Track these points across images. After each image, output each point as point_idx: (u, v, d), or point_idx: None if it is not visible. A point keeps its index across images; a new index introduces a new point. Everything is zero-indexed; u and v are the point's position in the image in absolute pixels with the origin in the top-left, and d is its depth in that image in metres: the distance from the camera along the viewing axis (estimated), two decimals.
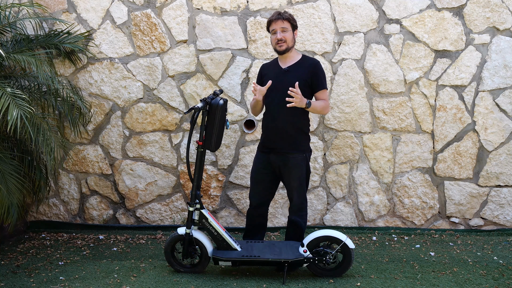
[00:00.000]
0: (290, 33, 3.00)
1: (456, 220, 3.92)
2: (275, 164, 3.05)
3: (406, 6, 3.76)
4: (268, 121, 3.06)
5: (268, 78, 3.05)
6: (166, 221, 4.09)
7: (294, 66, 3.03)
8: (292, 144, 2.99)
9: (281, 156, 3.01)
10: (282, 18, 2.97)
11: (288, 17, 2.99)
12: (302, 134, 3.04)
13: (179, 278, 2.98)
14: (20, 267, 3.26)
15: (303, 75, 2.98)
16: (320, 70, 3.03)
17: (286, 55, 3.04)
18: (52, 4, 3.94)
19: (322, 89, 3.02)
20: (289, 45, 3.00)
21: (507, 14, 3.72)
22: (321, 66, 3.06)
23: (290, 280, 2.94)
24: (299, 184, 3.04)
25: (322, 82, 3.02)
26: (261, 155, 3.12)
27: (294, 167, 3.00)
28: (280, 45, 2.99)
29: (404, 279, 2.95)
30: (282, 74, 3.03)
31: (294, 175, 3.02)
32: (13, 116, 2.86)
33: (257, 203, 3.17)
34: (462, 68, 3.79)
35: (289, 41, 2.99)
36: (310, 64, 3.03)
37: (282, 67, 3.06)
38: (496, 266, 3.17)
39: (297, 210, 3.09)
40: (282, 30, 2.98)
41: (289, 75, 2.99)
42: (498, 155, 3.82)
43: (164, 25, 3.90)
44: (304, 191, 3.09)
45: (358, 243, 3.69)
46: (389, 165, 3.90)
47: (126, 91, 3.97)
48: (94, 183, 4.10)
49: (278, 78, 3.01)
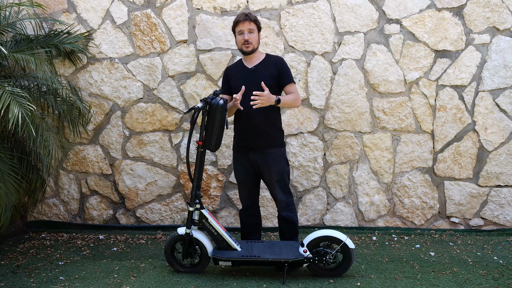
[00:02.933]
0: (256, 34, 3.08)
1: (456, 220, 3.92)
2: (254, 163, 3.09)
3: (406, 6, 3.76)
4: (242, 121, 3.10)
5: (236, 79, 3.12)
6: (166, 221, 4.09)
7: (260, 65, 3.09)
8: (269, 141, 3.05)
9: (260, 154, 3.06)
10: (249, 19, 3.04)
11: (255, 19, 3.08)
12: (277, 129, 3.12)
13: (179, 278, 2.98)
14: (20, 267, 3.26)
15: (270, 72, 3.06)
16: (285, 65, 3.13)
17: (251, 55, 3.10)
18: (52, 4, 3.94)
19: (289, 83, 3.09)
20: (255, 46, 3.07)
21: (507, 14, 3.72)
22: (285, 61, 3.16)
23: (290, 280, 2.94)
24: (281, 178, 3.08)
25: (289, 76, 3.10)
26: (239, 156, 3.16)
27: (274, 162, 3.05)
28: (247, 45, 3.05)
29: (404, 279, 2.95)
30: (250, 73, 3.09)
31: (274, 170, 3.06)
32: (14, 114, 2.85)
33: (247, 204, 3.23)
34: (462, 68, 3.78)
35: (255, 42, 3.06)
36: (275, 61, 3.12)
37: (248, 67, 3.12)
38: (496, 266, 3.17)
39: (285, 206, 3.11)
40: (249, 31, 3.04)
41: (257, 74, 3.06)
42: (498, 155, 3.82)
43: (164, 25, 3.90)
44: (288, 186, 3.13)
45: (358, 243, 3.69)
46: (389, 165, 3.90)
47: (126, 91, 3.97)
48: (94, 183, 4.10)
49: (246, 78, 3.07)
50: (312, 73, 3.84)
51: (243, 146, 3.12)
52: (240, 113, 3.12)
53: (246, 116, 3.05)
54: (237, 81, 3.10)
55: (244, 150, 3.12)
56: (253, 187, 3.20)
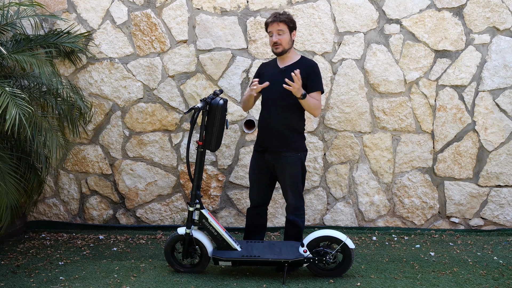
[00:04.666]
0: (286, 35, 3.00)
1: (456, 220, 3.92)
2: (270, 163, 3.08)
3: (406, 6, 3.76)
4: (263, 120, 3.09)
5: (265, 76, 3.09)
6: (166, 221, 4.09)
7: (291, 66, 3.03)
8: (285, 143, 3.01)
9: (275, 155, 3.04)
10: (278, 20, 2.97)
11: (285, 19, 2.99)
12: (296, 133, 3.05)
13: (179, 278, 2.98)
14: (20, 267, 3.26)
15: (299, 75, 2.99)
16: (316, 72, 3.04)
17: (284, 55, 3.06)
18: (52, 4, 3.94)
19: (316, 91, 3.02)
20: (285, 47, 3.01)
21: (507, 14, 3.72)
22: (318, 68, 3.06)
23: (290, 280, 2.94)
24: (293, 182, 3.05)
25: (317, 84, 3.03)
26: (256, 155, 3.15)
27: (287, 166, 3.02)
28: (276, 47, 3.01)
29: (404, 279, 2.95)
30: (278, 73, 3.05)
31: (287, 174, 3.04)
32: (11, 115, 2.84)
33: (256, 202, 3.20)
34: (462, 68, 3.78)
35: (285, 43, 3.00)
36: (307, 65, 3.04)
37: (279, 66, 3.08)
38: (496, 266, 3.17)
39: (293, 209, 3.10)
40: (278, 32, 2.99)
41: (285, 75, 3.00)
42: (498, 155, 3.82)
43: (164, 25, 3.90)
44: (300, 191, 3.10)
45: (358, 243, 3.69)
46: (389, 165, 3.90)
47: (126, 91, 3.97)
48: (94, 183, 4.09)
49: (274, 77, 3.04)
50: None
51: (260, 146, 3.10)
52: (262, 113, 3.10)
53: (267, 114, 3.04)
54: (266, 79, 3.05)
55: (261, 150, 3.09)
56: (265, 188, 3.17)
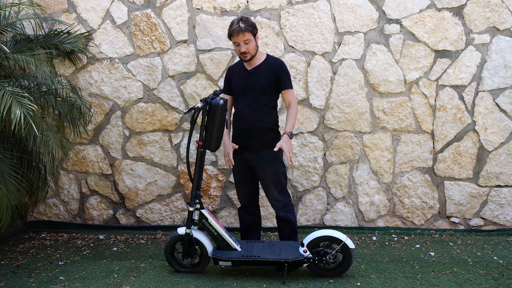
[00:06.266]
0: (252, 42, 3.02)
1: (456, 220, 3.92)
2: (250, 163, 3.11)
3: (406, 6, 3.76)
4: (238, 122, 3.13)
5: (235, 80, 3.15)
6: (166, 221, 4.09)
7: (259, 68, 3.09)
8: (262, 142, 3.05)
9: (254, 154, 3.08)
10: (242, 30, 2.96)
11: (248, 28, 2.98)
12: (272, 131, 3.11)
13: (179, 278, 2.98)
14: (20, 267, 3.26)
15: (267, 76, 3.05)
16: (283, 70, 3.08)
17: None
18: (52, 4, 3.94)
19: (286, 89, 3.08)
20: (253, 54, 3.05)
21: (507, 14, 3.72)
22: (284, 65, 3.11)
23: (290, 280, 2.94)
24: (276, 179, 3.08)
25: (286, 81, 3.07)
26: (235, 155, 3.16)
27: (268, 163, 3.06)
28: (245, 56, 3.04)
29: (404, 279, 2.95)
30: (247, 76, 3.10)
31: (268, 170, 3.07)
32: (16, 115, 2.85)
33: (244, 202, 3.25)
34: (462, 68, 3.78)
35: (252, 50, 3.03)
36: (274, 64, 3.09)
37: (247, 69, 3.13)
38: (496, 266, 3.17)
39: (282, 206, 3.11)
40: (244, 42, 3.00)
41: (255, 77, 3.07)
42: (498, 155, 3.82)
43: (164, 25, 3.90)
44: (285, 187, 3.13)
45: (358, 243, 3.69)
46: (389, 165, 3.90)
47: (126, 91, 3.97)
48: (94, 183, 4.09)
49: (244, 80, 3.10)
50: (312, 73, 3.84)
51: (239, 146, 3.13)
52: (236, 114, 3.15)
53: (241, 116, 3.09)
54: (236, 82, 3.14)
55: (239, 150, 3.13)
56: (250, 186, 3.21)
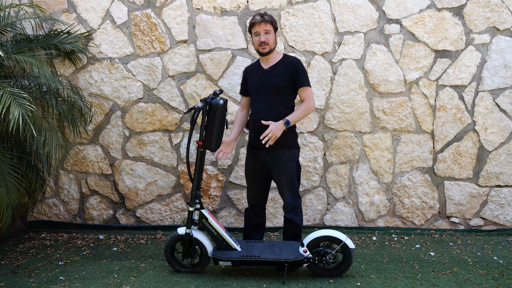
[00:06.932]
0: (272, 35, 3.05)
1: (456, 220, 3.92)
2: (265, 163, 3.09)
3: (406, 6, 3.76)
4: (254, 122, 3.10)
5: (252, 80, 3.14)
6: (166, 221, 4.09)
7: (275, 67, 3.08)
8: (279, 142, 3.02)
9: (270, 154, 3.05)
10: (265, 20, 3.01)
11: (271, 20, 3.04)
12: (289, 131, 3.07)
13: (179, 278, 2.98)
14: (20, 267, 3.26)
15: (284, 75, 3.04)
16: (300, 68, 3.07)
17: (268, 56, 3.09)
18: (52, 4, 3.94)
19: (303, 87, 3.06)
20: (272, 47, 3.05)
21: (507, 14, 3.72)
22: (301, 64, 3.09)
23: (290, 280, 2.94)
24: (290, 181, 3.07)
25: (303, 79, 3.05)
26: (250, 156, 3.16)
27: (283, 164, 3.04)
28: (263, 47, 3.03)
29: (404, 279, 2.95)
30: (264, 75, 3.08)
31: (284, 172, 3.05)
32: (14, 116, 2.85)
33: (254, 203, 3.23)
34: (462, 68, 3.78)
35: (271, 43, 3.04)
36: (290, 63, 3.08)
37: (264, 68, 3.11)
38: (496, 266, 3.17)
39: (291, 208, 3.10)
40: (265, 32, 3.01)
41: (271, 76, 3.05)
42: (498, 155, 3.82)
43: (164, 25, 3.90)
44: (296, 189, 3.11)
45: (358, 243, 3.69)
46: (389, 165, 3.90)
47: (126, 91, 3.97)
48: (94, 183, 4.09)
49: (260, 79, 3.08)
50: (312, 73, 3.84)
51: (254, 146, 3.11)
52: (252, 114, 3.13)
53: (257, 116, 3.05)
54: (253, 83, 3.12)
55: (255, 151, 3.11)
56: (261, 188, 3.20)
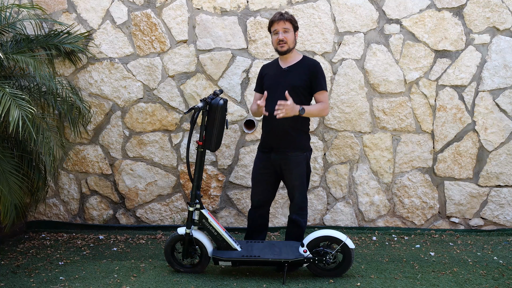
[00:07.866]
0: (291, 34, 3.00)
1: (456, 220, 3.92)
2: (276, 163, 3.06)
3: (406, 6, 3.76)
4: (267, 122, 3.06)
5: (268, 77, 3.08)
6: (166, 221, 4.09)
7: (294, 66, 3.03)
8: (292, 143, 2.99)
9: (281, 155, 3.02)
10: (284, 19, 2.97)
11: (290, 18, 3.00)
12: (302, 133, 3.04)
13: (179, 278, 2.98)
14: (20, 267, 3.26)
15: (303, 76, 2.99)
16: (320, 71, 3.03)
17: (287, 55, 3.04)
18: (52, 4, 3.94)
19: (320, 90, 3.01)
20: (290, 46, 3.00)
21: (507, 14, 3.72)
22: (321, 67, 3.05)
23: (290, 280, 2.94)
24: (300, 182, 3.04)
25: (321, 83, 3.01)
26: (261, 155, 3.13)
27: (295, 165, 3.01)
28: (282, 45, 2.99)
29: (404, 279, 2.95)
30: (282, 74, 3.04)
31: (295, 173, 3.02)
32: (14, 118, 2.86)
33: (259, 203, 3.18)
34: (462, 68, 3.78)
35: (290, 42, 2.99)
36: (310, 64, 3.03)
37: (282, 67, 3.07)
38: (496, 266, 3.17)
39: (298, 209, 3.09)
40: (284, 30, 2.97)
41: (289, 75, 3.00)
42: (498, 155, 3.82)
43: (164, 25, 3.90)
44: (305, 190, 3.09)
45: (358, 243, 3.69)
46: (389, 165, 3.90)
47: (126, 91, 3.97)
48: (94, 183, 4.10)
49: (277, 78, 3.03)
50: None
51: (266, 146, 3.09)
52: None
53: (271, 117, 3.00)
54: (269, 80, 3.06)
55: (266, 150, 3.09)
56: (268, 189, 3.16)
